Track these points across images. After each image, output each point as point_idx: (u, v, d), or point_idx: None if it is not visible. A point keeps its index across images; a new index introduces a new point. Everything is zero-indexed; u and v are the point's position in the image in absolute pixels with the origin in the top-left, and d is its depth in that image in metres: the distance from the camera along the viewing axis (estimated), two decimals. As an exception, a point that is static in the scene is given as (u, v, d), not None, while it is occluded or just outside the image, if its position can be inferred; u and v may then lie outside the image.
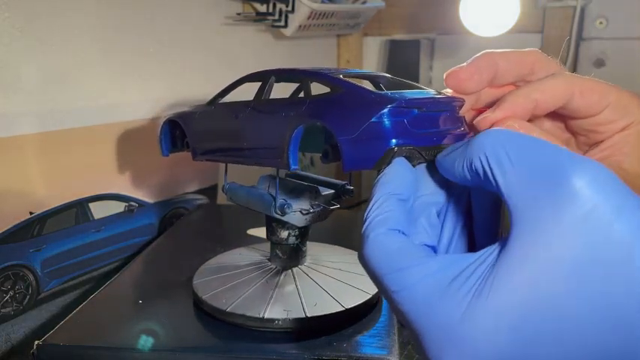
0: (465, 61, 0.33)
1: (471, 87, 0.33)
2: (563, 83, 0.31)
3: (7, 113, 0.62)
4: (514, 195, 0.23)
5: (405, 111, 0.29)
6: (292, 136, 0.36)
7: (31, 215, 0.66)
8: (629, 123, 0.32)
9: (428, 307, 0.23)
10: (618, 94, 0.32)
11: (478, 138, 0.25)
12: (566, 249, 0.21)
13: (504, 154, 0.24)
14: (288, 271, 0.54)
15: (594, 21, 1.08)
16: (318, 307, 0.48)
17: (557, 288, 0.21)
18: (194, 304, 0.53)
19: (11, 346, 0.64)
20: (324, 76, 0.35)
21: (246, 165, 0.44)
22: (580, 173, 0.22)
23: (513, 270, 0.22)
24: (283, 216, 0.49)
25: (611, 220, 0.21)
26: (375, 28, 1.25)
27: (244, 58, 0.97)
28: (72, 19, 0.68)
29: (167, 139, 0.53)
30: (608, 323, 0.21)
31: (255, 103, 0.41)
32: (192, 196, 0.90)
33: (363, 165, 0.30)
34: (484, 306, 0.22)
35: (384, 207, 0.27)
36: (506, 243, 0.23)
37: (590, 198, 0.21)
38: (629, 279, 0.21)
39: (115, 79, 0.75)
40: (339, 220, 0.84)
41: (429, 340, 0.23)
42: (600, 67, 1.09)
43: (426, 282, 0.23)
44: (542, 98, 0.31)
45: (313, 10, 0.91)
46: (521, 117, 0.31)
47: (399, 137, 0.28)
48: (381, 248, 0.25)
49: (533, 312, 0.22)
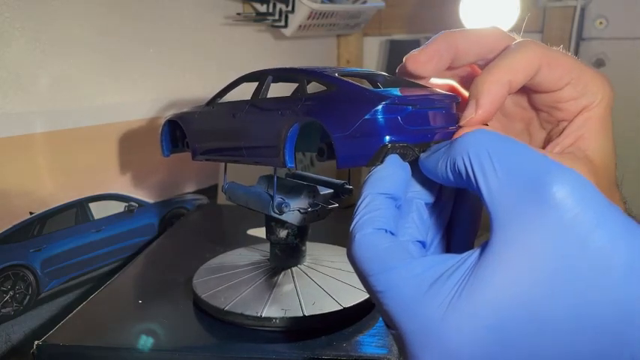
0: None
1: (431, 70, 0.32)
2: (533, 57, 0.30)
3: (6, 113, 0.62)
4: (495, 200, 0.23)
5: (398, 108, 0.29)
6: (288, 135, 0.36)
7: (31, 215, 0.66)
8: (589, 103, 0.31)
9: (410, 308, 0.23)
10: (581, 70, 0.30)
11: (461, 139, 0.25)
12: (545, 256, 0.22)
13: (487, 157, 0.24)
14: (287, 270, 0.54)
15: (594, 21, 1.08)
16: (317, 307, 0.48)
17: (535, 293, 0.22)
18: (194, 304, 0.53)
19: (11, 346, 0.64)
20: (318, 75, 0.35)
21: (244, 164, 0.44)
22: (561, 183, 0.22)
23: (492, 273, 0.22)
24: (281, 215, 0.49)
25: (590, 229, 0.21)
26: (375, 28, 1.25)
27: (244, 58, 0.97)
28: (72, 19, 0.68)
29: (167, 140, 0.54)
30: (586, 330, 0.21)
31: (253, 101, 0.42)
32: (192, 196, 0.90)
33: (356, 162, 0.30)
34: (463, 307, 0.22)
35: (371, 206, 0.27)
36: (487, 247, 0.23)
37: (570, 208, 0.22)
38: (607, 287, 0.21)
39: (115, 79, 0.75)
40: (339, 220, 0.84)
41: (411, 341, 0.23)
42: (600, 67, 1.09)
43: (409, 283, 0.24)
44: (515, 79, 0.29)
45: (313, 10, 0.91)
46: (501, 105, 0.30)
47: (392, 134, 0.29)
48: (367, 248, 0.25)
49: (511, 315, 0.22)
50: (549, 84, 0.30)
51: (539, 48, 0.30)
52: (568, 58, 0.31)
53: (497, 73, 0.29)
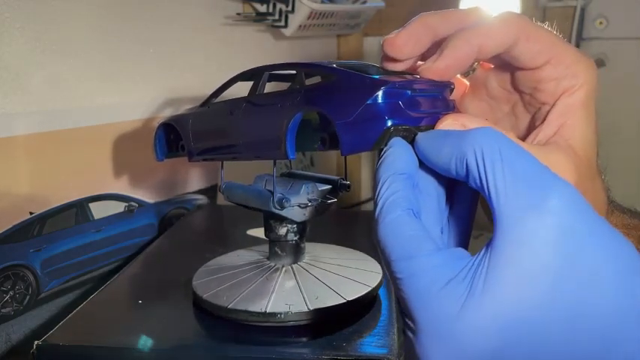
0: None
1: (408, 52, 0.32)
2: (511, 27, 0.29)
3: (6, 113, 0.62)
4: (502, 201, 0.24)
5: (399, 92, 0.29)
6: (289, 125, 0.36)
7: (31, 215, 0.66)
8: (570, 86, 0.30)
9: (427, 300, 0.24)
10: (564, 49, 0.30)
11: (474, 134, 0.25)
12: (550, 257, 0.23)
13: (499, 158, 0.24)
14: (288, 267, 0.54)
15: (594, 21, 1.08)
16: (320, 300, 0.48)
17: (541, 292, 0.23)
18: (194, 305, 0.53)
19: (11, 346, 0.64)
20: (316, 66, 0.36)
21: (243, 160, 0.44)
22: (561, 194, 0.23)
23: (503, 274, 0.23)
24: (282, 210, 0.49)
25: (585, 236, 0.23)
26: (375, 28, 1.25)
27: (244, 58, 0.97)
28: (72, 19, 0.68)
29: (162, 144, 0.53)
30: (584, 331, 0.22)
31: (249, 98, 0.42)
32: (192, 196, 0.90)
33: (361, 147, 0.30)
34: (477, 306, 0.23)
35: (393, 187, 0.27)
36: (494, 247, 0.24)
37: (567, 218, 0.23)
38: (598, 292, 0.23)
39: (115, 79, 0.75)
40: (339, 220, 0.84)
41: (424, 331, 0.24)
42: (600, 67, 1.09)
43: (428, 275, 0.24)
44: (486, 43, 0.29)
45: (313, 10, 0.91)
46: (464, 63, 0.30)
47: (394, 117, 0.29)
48: (394, 233, 0.26)
49: (520, 315, 0.23)
50: (528, 59, 0.30)
51: (519, 20, 0.30)
52: (550, 34, 0.30)
53: (468, 34, 0.30)
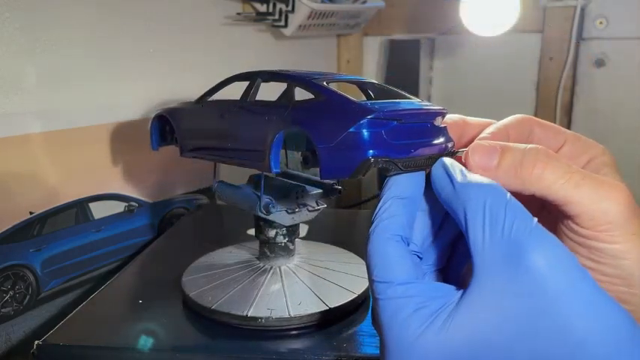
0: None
1: None
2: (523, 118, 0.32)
3: (6, 113, 0.62)
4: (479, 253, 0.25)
5: (383, 122, 0.29)
6: (273, 141, 0.36)
7: (31, 215, 0.66)
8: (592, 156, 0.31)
9: (394, 322, 0.26)
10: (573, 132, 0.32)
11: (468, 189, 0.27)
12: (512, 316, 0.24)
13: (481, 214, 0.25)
14: (276, 269, 0.54)
15: (594, 21, 1.08)
16: (302, 307, 0.49)
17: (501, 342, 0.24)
18: (182, 303, 0.53)
19: (11, 346, 0.64)
20: (307, 82, 0.35)
21: (230, 165, 0.44)
22: (541, 254, 0.24)
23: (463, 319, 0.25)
24: (268, 215, 0.49)
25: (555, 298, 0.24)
26: (375, 28, 1.25)
27: (244, 58, 0.97)
28: (71, 19, 0.68)
29: (157, 134, 0.54)
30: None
31: (241, 103, 0.42)
32: (192, 196, 0.90)
33: (339, 174, 0.30)
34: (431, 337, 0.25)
35: (391, 211, 0.28)
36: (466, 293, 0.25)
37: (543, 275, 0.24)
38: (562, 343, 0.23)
39: (115, 78, 0.75)
40: (339, 220, 0.84)
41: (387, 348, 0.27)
42: (600, 67, 1.09)
43: (399, 302, 0.26)
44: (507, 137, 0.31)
45: (313, 10, 0.91)
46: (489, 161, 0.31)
47: (375, 148, 0.29)
48: (380, 254, 0.28)
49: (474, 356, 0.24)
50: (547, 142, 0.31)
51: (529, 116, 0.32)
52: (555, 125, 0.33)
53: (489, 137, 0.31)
